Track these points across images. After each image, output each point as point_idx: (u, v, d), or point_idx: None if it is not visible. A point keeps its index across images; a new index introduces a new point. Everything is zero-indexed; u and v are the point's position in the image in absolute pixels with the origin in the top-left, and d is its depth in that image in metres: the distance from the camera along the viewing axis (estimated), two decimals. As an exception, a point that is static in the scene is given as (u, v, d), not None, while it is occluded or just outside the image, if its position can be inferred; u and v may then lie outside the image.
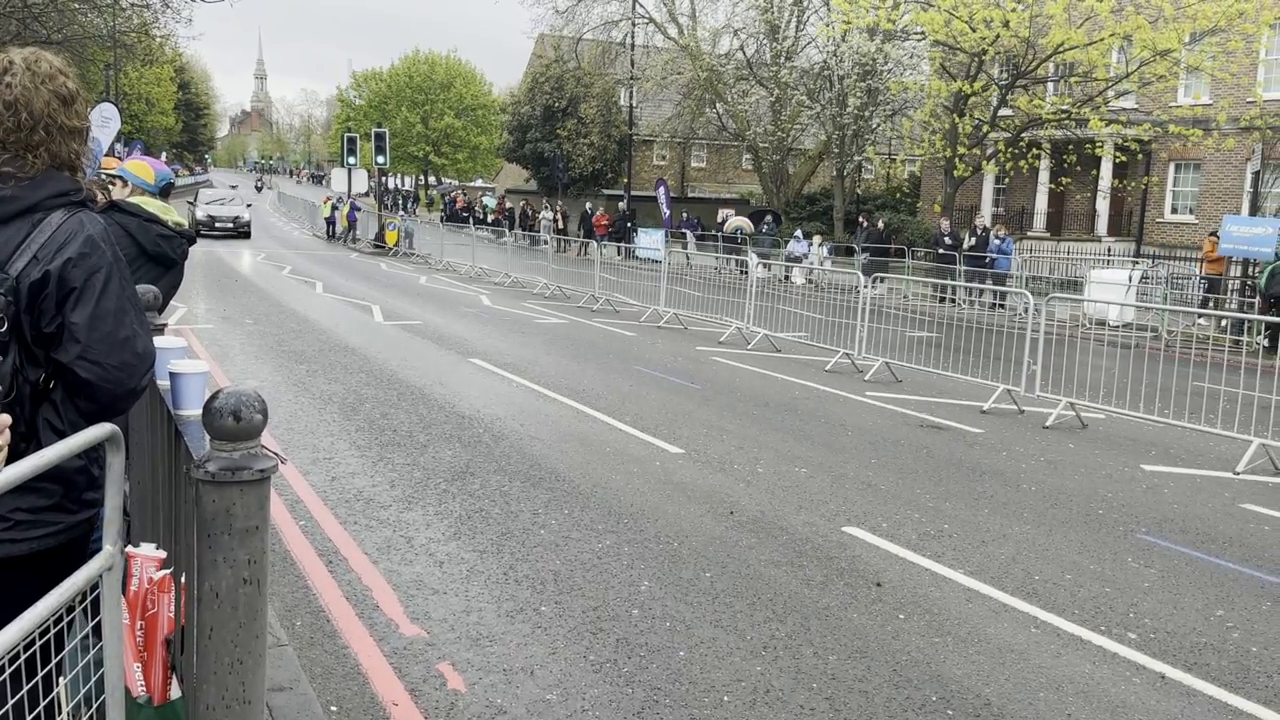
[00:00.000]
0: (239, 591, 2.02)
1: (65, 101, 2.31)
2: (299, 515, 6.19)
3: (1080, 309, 17.80)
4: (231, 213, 35.49)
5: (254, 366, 11.18)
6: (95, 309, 2.25)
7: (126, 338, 2.30)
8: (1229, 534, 6.71)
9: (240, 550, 2.01)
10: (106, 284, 2.29)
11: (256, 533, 2.03)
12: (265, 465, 2.05)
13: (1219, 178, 27.64)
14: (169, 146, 75.44)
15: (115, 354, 2.27)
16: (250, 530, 2.01)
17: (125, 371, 2.30)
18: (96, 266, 2.30)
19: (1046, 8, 21.60)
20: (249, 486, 2.01)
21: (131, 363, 2.31)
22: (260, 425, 2.03)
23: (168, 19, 36.15)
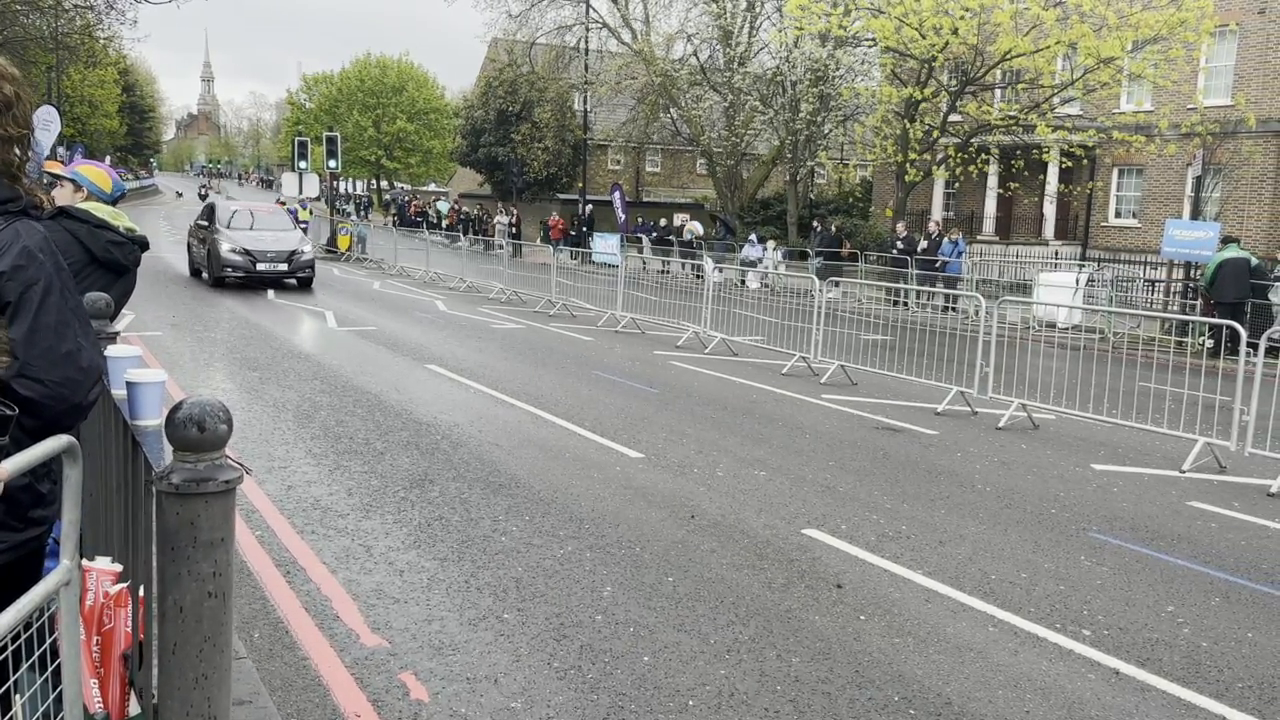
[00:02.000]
0: (203, 605, 1.98)
1: (2, 107, 2.25)
2: (255, 525, 6.09)
3: (1030, 311, 18.12)
4: (281, 245, 20.60)
5: (205, 374, 10.99)
6: (33, 323, 2.17)
7: (69, 352, 2.23)
8: (1177, 531, 6.86)
9: (205, 563, 1.97)
10: (45, 297, 2.22)
11: (221, 545, 2.00)
12: (230, 476, 2.01)
13: (1161, 183, 28.31)
14: (113, 150, 73.91)
15: (56, 370, 2.20)
16: (215, 542, 1.98)
17: (68, 387, 2.23)
18: (34, 279, 2.22)
19: (994, 16, 21.97)
20: (214, 498, 1.97)
21: (75, 378, 2.24)
22: (225, 435, 1.99)
23: (112, 20, 35.54)
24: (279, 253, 20.37)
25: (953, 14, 22.20)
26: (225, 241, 20.15)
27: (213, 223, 20.97)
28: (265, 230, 21.20)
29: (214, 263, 20.06)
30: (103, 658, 2.91)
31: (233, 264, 19.92)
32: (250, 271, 19.98)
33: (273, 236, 20.93)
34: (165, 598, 2.00)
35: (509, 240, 33.70)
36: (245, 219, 21.51)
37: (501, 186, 46.90)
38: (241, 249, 20.05)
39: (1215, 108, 25.79)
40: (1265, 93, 25.78)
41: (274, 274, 20.37)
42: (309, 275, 20.97)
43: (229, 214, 21.70)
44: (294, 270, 20.63)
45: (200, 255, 21.37)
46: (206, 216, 21.66)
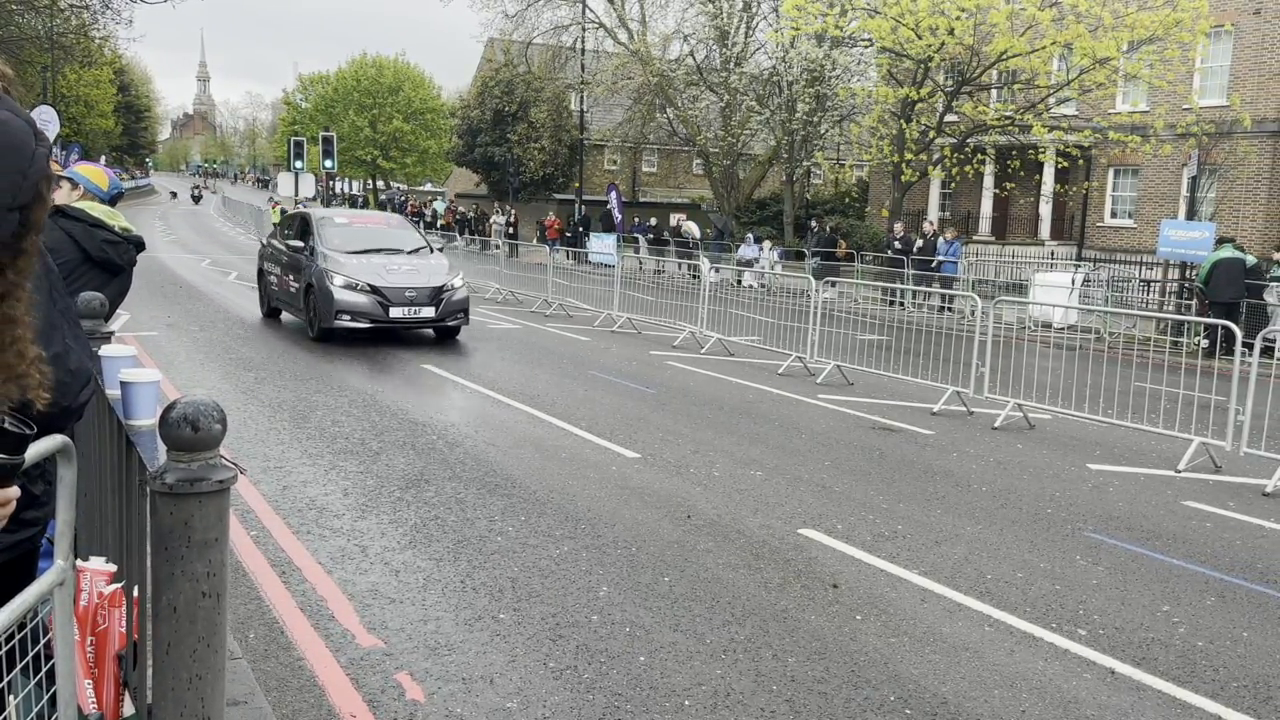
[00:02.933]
0: (198, 605, 1.98)
1: None
2: (250, 525, 6.08)
3: (1026, 311, 18.14)
4: (422, 277, 13.93)
5: (201, 374, 10.97)
6: None
7: (56, 354, 2.22)
8: (1172, 531, 6.87)
9: (199, 563, 1.97)
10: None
11: (216, 545, 1.99)
12: (224, 476, 2.01)
13: (1157, 183, 28.36)
14: (108, 150, 73.77)
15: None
16: (209, 542, 1.98)
17: (57, 391, 2.23)
18: None
19: (990, 16, 22.00)
20: (208, 498, 1.97)
21: (64, 380, 2.23)
22: (219, 435, 1.99)
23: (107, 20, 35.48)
24: (420, 290, 13.43)
25: (949, 14, 22.23)
26: (338, 273, 13.29)
27: (309, 241, 14.22)
28: (392, 254, 14.42)
29: (321, 305, 13.29)
30: (97, 658, 2.90)
31: (354, 308, 13.15)
32: (380, 319, 13.27)
33: (407, 265, 14.03)
34: (159, 598, 2.00)
35: (505, 240, 33.70)
36: (359, 237, 14.77)
37: (498, 187, 46.86)
38: (365, 285, 13.19)
39: (1210, 108, 25.83)
40: (1260, 93, 25.83)
41: (415, 322, 13.57)
42: (460, 323, 14.15)
43: (334, 229, 14.72)
44: (444, 315, 13.65)
45: (288, 290, 14.70)
46: (298, 233, 15.03)
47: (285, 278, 14.84)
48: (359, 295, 13.24)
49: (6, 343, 1.52)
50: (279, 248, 15.47)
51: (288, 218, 17.00)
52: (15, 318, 1.51)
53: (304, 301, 13.94)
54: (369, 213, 20.61)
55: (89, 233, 3.76)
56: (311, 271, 13.71)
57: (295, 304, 14.45)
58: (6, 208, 1.45)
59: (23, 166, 1.47)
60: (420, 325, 13.85)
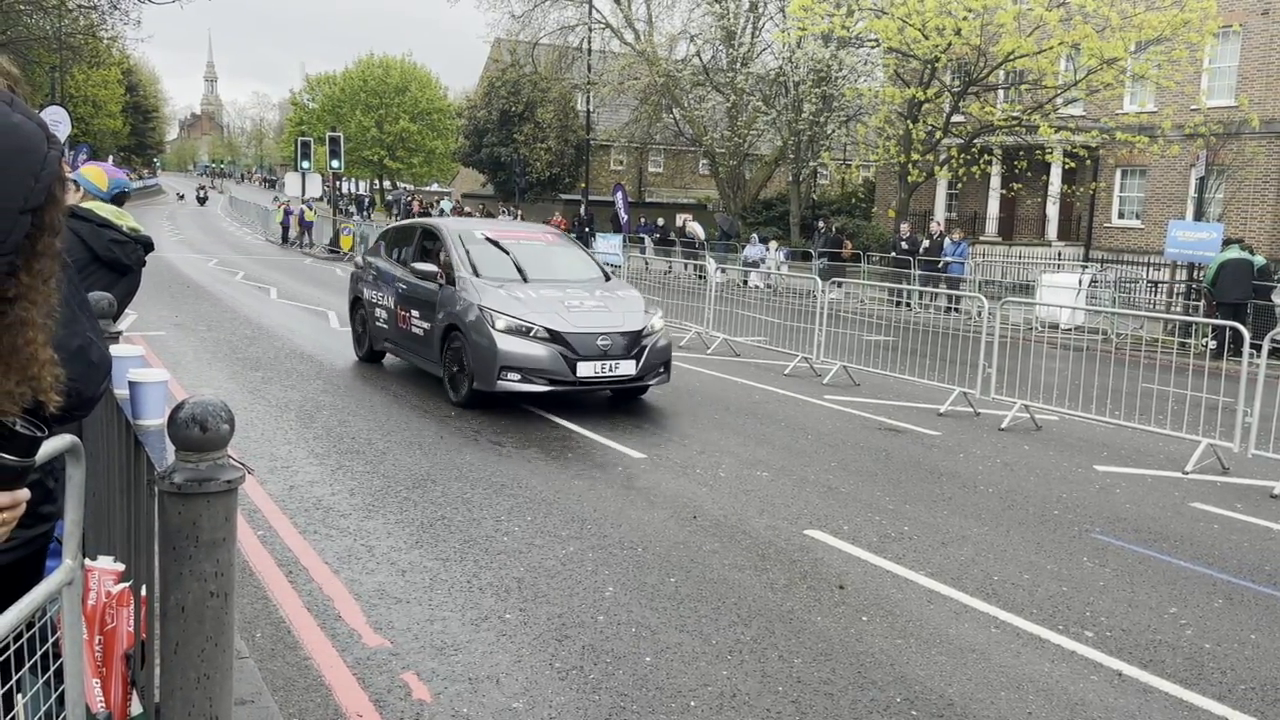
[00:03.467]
0: (205, 605, 1.98)
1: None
2: (257, 525, 6.10)
3: (1032, 312, 18.10)
4: (612, 318, 9.66)
5: (208, 374, 10.99)
6: None
7: (80, 347, 2.25)
8: (1180, 532, 6.85)
9: (206, 563, 1.97)
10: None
11: (223, 545, 2.00)
12: (232, 476, 2.01)
13: (1164, 183, 28.28)
14: (116, 150, 74.03)
15: (69, 365, 2.22)
16: (217, 542, 1.98)
17: (80, 382, 2.25)
18: None
19: (997, 16, 21.95)
20: (216, 498, 1.97)
21: (86, 372, 2.26)
22: (227, 435, 1.99)
23: (115, 20, 35.60)
24: (613, 335, 9.48)
25: (956, 15, 22.19)
26: (499, 313, 9.43)
27: (447, 264, 10.27)
28: (566, 285, 10.27)
29: (477, 358, 9.39)
30: (105, 657, 2.92)
31: (526, 364, 9.25)
32: (563, 379, 9.30)
33: (591, 301, 9.97)
34: (167, 597, 2.00)
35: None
36: (517, 259, 10.41)
37: (504, 187, 46.91)
38: (542, 329, 9.32)
39: (1218, 109, 25.76)
40: (1269, 94, 25.74)
41: (608, 381, 9.55)
42: (662, 380, 10.14)
43: (480, 249, 10.51)
44: (645, 371, 9.67)
45: (409, 333, 10.79)
46: (420, 250, 11.03)
47: (405, 313, 10.83)
48: (534, 345, 9.26)
49: (20, 345, 1.53)
50: (390, 272, 11.39)
51: (398, 229, 12.53)
52: (30, 320, 1.52)
53: (441, 350, 10.02)
54: (518, 224, 16.57)
55: (96, 232, 3.78)
56: (457, 309, 9.76)
57: (424, 352, 10.52)
58: (19, 210, 1.46)
59: (35, 169, 1.47)
60: (613, 385, 9.69)
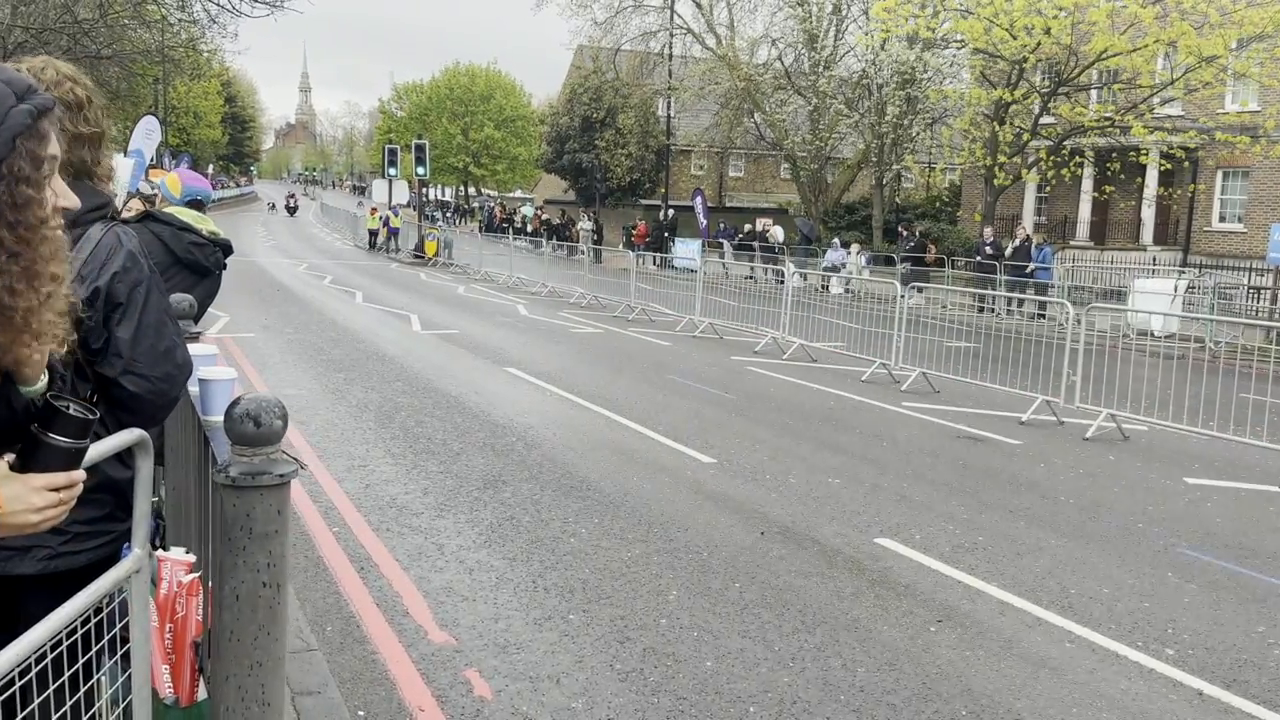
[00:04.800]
0: (259, 595, 2.05)
1: (72, 108, 2.35)
2: (333, 522, 6.26)
3: (1123, 319, 17.51)
4: None
5: (292, 374, 11.33)
6: (139, 322, 2.29)
7: (168, 349, 2.35)
8: (1273, 549, 6.56)
9: (260, 554, 2.04)
10: (148, 297, 2.34)
11: (276, 536, 2.06)
12: (285, 470, 2.08)
13: (1269, 185, 27.08)
14: (215, 159, 76.87)
15: (158, 366, 2.32)
16: (270, 534, 2.04)
17: (168, 383, 2.35)
18: (139, 280, 2.35)
19: (1089, 14, 21.32)
20: (269, 491, 2.04)
21: (173, 373, 2.36)
22: (280, 431, 2.06)
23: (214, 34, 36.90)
24: None
25: (1045, 13, 21.61)
26: None
27: None
28: None
29: None
30: (175, 645, 3.03)
31: None
32: None
33: None
34: (222, 586, 2.08)
35: (591, 245, 33.97)
36: None
37: (585, 193, 47.28)
38: None
39: (1327, 107, 24.56)
40: (1383, 90, 24.45)
41: None
42: None
43: None
44: None
45: None
46: None
47: None
48: None
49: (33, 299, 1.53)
50: None
51: None
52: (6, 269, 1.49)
53: None
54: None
55: (177, 236, 3.94)
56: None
57: None
58: None
59: None
60: None
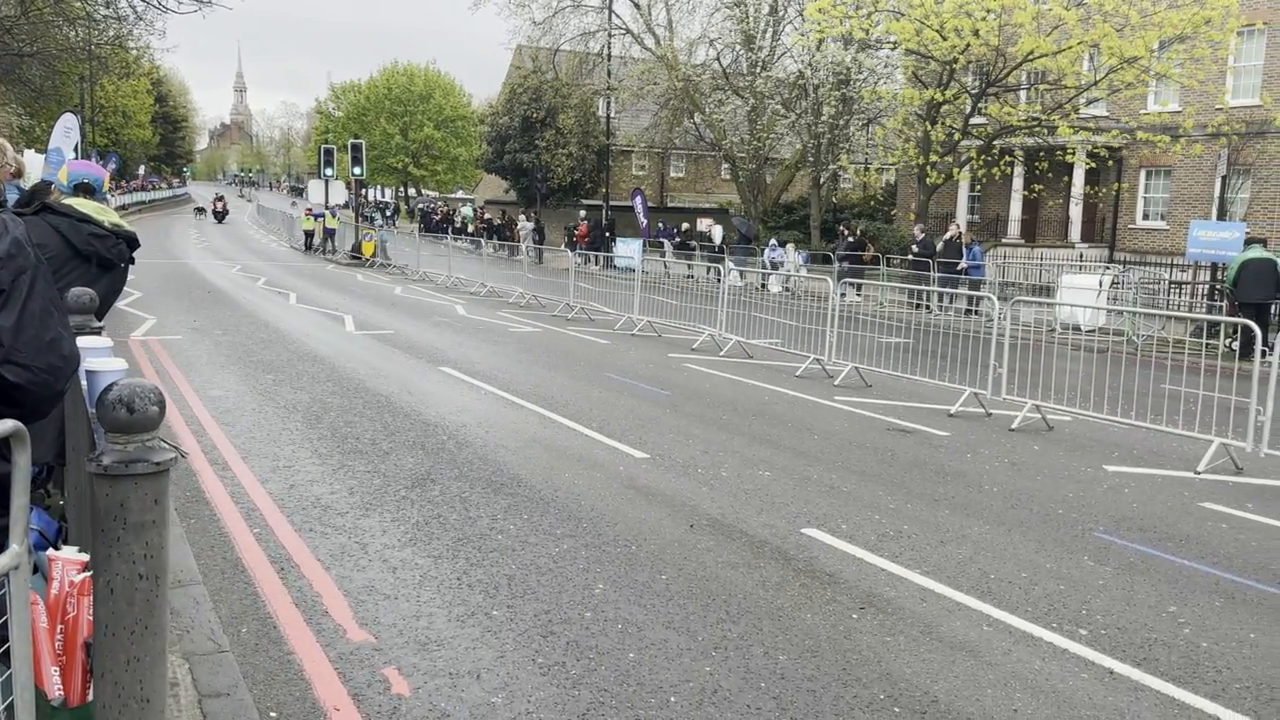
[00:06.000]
0: (135, 588, 1.99)
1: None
2: (254, 523, 6.13)
3: (1051, 314, 17.91)
4: None
5: (220, 376, 11.09)
6: (23, 311, 2.21)
7: (53, 340, 2.27)
8: (1186, 532, 6.74)
9: (135, 545, 1.98)
10: (32, 285, 2.26)
11: (154, 527, 2.00)
12: (162, 458, 2.02)
13: (1189, 184, 27.91)
14: (146, 160, 75.05)
15: (42, 356, 2.24)
16: (146, 525, 1.99)
17: (52, 374, 2.27)
18: (23, 268, 2.27)
19: (1015, 16, 21.77)
20: (144, 480, 1.98)
21: (57, 365, 2.28)
22: (156, 417, 2.00)
23: (141, 31, 36.03)
24: None
25: (974, 15, 22.02)
26: None
27: None
28: None
29: None
30: (66, 646, 2.93)
31: None
32: None
33: None
34: (98, 579, 2.01)
35: (533, 245, 33.81)
36: None
37: (526, 193, 47.05)
38: None
39: (1242, 107, 25.40)
40: (1295, 92, 25.34)
41: None
42: None
43: None
44: None
45: None
46: None
47: None
48: None
49: None
50: None
51: None
52: None
53: None
54: None
55: (75, 227, 3.82)
56: None
57: None
58: None
59: None
60: None
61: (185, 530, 5.80)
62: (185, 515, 6.17)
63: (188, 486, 6.84)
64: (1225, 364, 13.15)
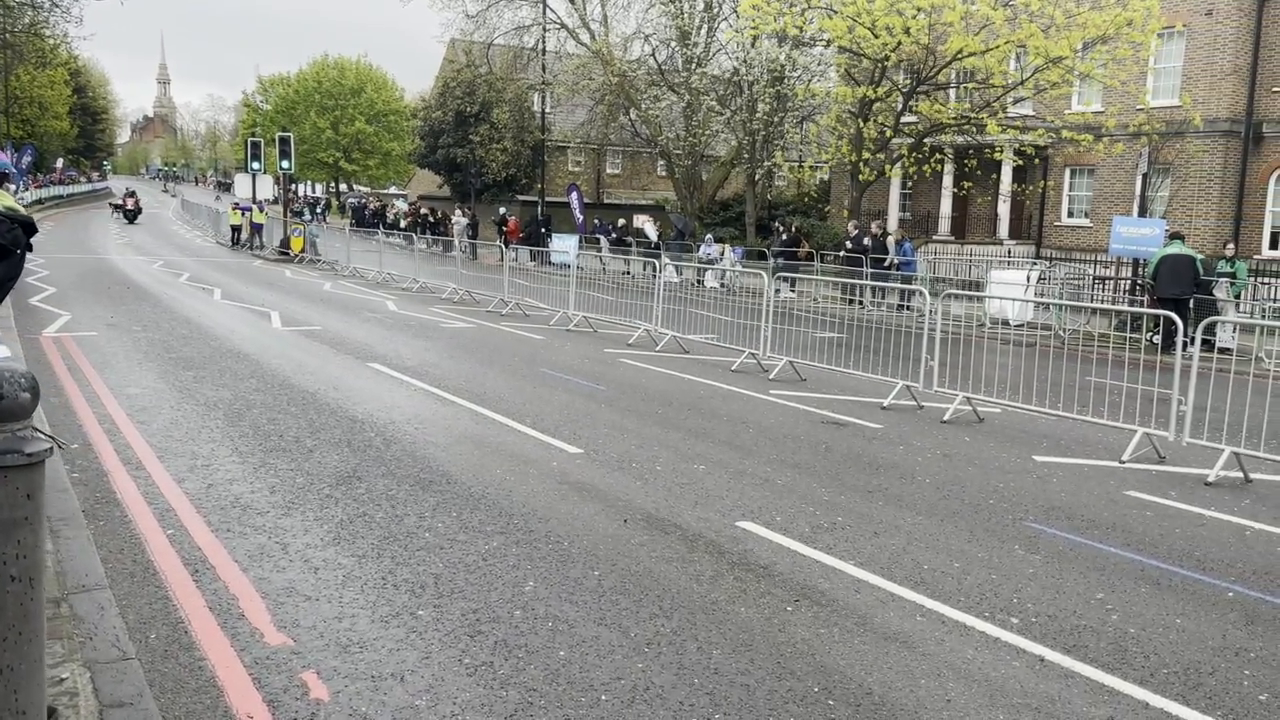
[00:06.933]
0: (5, 591, 1.81)
1: None
2: (167, 524, 5.87)
3: (981, 309, 18.18)
4: None
5: (137, 373, 10.68)
6: None
7: None
8: (1112, 520, 6.83)
9: (6, 544, 1.80)
10: None
11: (26, 524, 1.83)
12: (36, 449, 1.84)
13: (1111, 182, 28.63)
14: (64, 152, 72.56)
15: None
16: (18, 522, 1.81)
17: None
18: None
19: (945, 15, 22.08)
20: (15, 473, 1.80)
21: None
22: (28, 404, 1.82)
23: (57, 19, 34.81)
24: None
25: (905, 14, 22.28)
26: None
27: None
28: None
29: None
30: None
31: None
32: None
33: None
34: (-37, 582, 1.83)
35: (468, 240, 33.39)
36: None
37: (460, 188, 46.52)
38: None
39: (1162, 108, 26.13)
40: (1211, 93, 26.15)
41: None
42: None
43: None
44: None
45: None
46: None
47: None
48: None
49: None
50: None
51: None
52: None
53: None
54: None
55: (-39, 210, 3.57)
56: None
57: None
58: None
59: None
60: None
61: (93, 533, 5.52)
62: (93, 517, 5.89)
63: (97, 488, 6.53)
64: (1147, 357, 13.46)
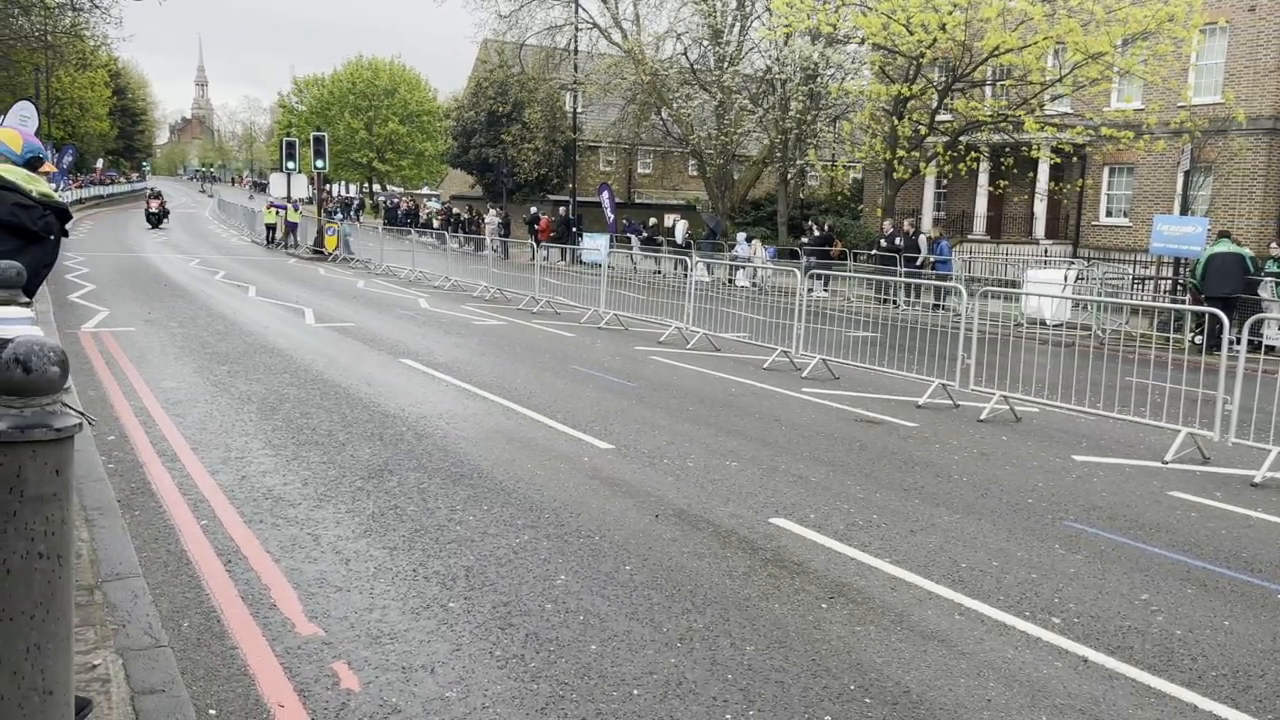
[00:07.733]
0: (34, 568, 1.78)
1: None
2: (201, 515, 5.89)
3: (1017, 307, 17.93)
4: None
5: (173, 367, 10.77)
6: None
7: None
8: (1156, 520, 6.68)
9: (34, 520, 1.78)
10: None
11: (55, 500, 1.80)
12: (65, 424, 1.81)
13: (1152, 180, 28.17)
14: (104, 153, 73.69)
15: None
16: (46, 498, 1.78)
17: None
18: None
19: (981, 11, 21.81)
20: (43, 447, 1.77)
21: None
22: (57, 379, 1.80)
23: (97, 20, 35.32)
24: None
25: (940, 10, 22.03)
26: None
27: None
28: None
29: None
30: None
31: None
32: None
33: None
34: (-9, 559, 1.80)
35: (500, 239, 33.48)
36: None
37: (492, 188, 46.67)
38: None
39: (1205, 105, 25.65)
40: (1255, 90, 25.64)
41: None
42: None
43: None
44: None
45: None
46: None
47: None
48: None
49: None
50: None
51: None
52: None
53: None
54: None
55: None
56: None
57: None
58: None
59: None
60: None
61: (128, 522, 5.55)
62: (128, 507, 5.92)
63: (133, 478, 6.57)
64: (1191, 357, 13.20)
